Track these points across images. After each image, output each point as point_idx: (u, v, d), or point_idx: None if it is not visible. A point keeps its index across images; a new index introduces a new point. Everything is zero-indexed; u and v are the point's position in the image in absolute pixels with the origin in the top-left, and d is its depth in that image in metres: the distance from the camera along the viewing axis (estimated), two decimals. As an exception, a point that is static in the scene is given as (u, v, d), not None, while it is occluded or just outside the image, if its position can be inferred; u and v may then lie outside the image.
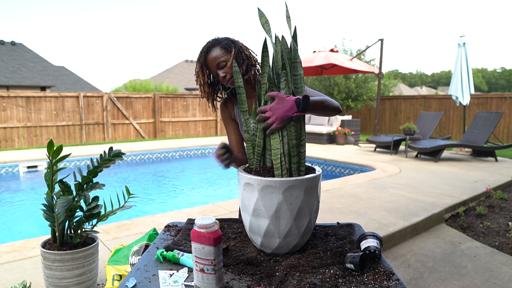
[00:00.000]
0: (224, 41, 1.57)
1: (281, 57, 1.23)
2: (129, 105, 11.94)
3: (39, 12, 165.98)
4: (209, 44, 1.57)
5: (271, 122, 1.20)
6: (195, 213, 3.77)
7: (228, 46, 1.55)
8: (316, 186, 1.22)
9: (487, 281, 2.68)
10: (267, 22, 1.28)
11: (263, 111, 1.22)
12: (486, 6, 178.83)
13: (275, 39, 1.24)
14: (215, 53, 1.55)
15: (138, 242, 2.26)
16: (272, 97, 1.22)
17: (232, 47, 1.55)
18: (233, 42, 1.57)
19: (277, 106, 1.20)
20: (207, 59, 1.57)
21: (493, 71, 77.19)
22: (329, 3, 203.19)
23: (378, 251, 1.14)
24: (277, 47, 1.24)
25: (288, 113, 1.20)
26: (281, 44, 1.23)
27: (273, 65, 1.25)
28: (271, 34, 1.26)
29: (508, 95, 10.79)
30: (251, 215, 1.21)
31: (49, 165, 2.04)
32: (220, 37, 1.60)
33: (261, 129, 1.25)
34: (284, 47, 1.23)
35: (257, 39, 1.48)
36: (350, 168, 7.16)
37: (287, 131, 1.23)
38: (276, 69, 1.25)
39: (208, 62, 1.57)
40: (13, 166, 7.28)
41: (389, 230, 3.33)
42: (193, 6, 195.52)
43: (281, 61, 1.23)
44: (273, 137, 1.22)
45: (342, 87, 13.36)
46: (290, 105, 1.20)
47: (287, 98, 1.21)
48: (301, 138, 1.26)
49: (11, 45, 22.79)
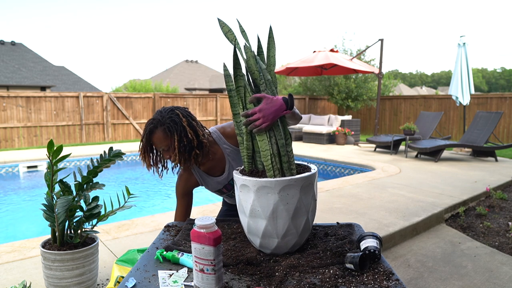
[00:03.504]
0: (167, 122, 1.52)
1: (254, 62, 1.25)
2: (129, 105, 11.94)
3: (39, 12, 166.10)
4: (152, 126, 1.54)
5: (261, 122, 1.20)
6: (195, 213, 3.77)
7: (170, 130, 1.52)
8: (312, 184, 1.22)
9: (487, 281, 2.68)
10: (230, 31, 1.30)
11: (252, 113, 1.21)
12: (486, 6, 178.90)
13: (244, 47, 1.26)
14: (157, 137, 1.53)
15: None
16: (258, 99, 1.23)
17: (173, 131, 1.52)
18: (176, 124, 1.53)
19: (266, 106, 1.21)
20: (151, 141, 1.56)
21: (493, 71, 77.18)
22: (329, 3, 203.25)
23: (378, 251, 1.14)
24: (247, 54, 1.26)
25: (278, 112, 1.22)
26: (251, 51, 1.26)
27: (247, 71, 1.28)
28: (237, 42, 1.27)
29: (508, 95, 10.79)
30: (248, 217, 1.21)
31: (49, 165, 2.04)
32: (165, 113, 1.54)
33: (248, 131, 1.26)
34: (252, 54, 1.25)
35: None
36: (350, 168, 7.16)
37: (274, 131, 1.24)
38: (251, 74, 1.27)
39: (153, 143, 1.56)
40: (13, 166, 7.28)
41: (389, 230, 3.33)
42: (193, 6, 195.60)
43: (254, 66, 1.25)
44: (261, 138, 1.22)
45: (342, 87, 13.36)
46: (279, 104, 1.22)
47: (274, 98, 1.23)
48: (286, 137, 1.27)
49: (11, 45, 22.79)
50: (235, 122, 1.32)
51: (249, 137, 1.27)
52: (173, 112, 1.55)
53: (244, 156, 1.29)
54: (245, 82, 1.25)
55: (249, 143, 1.27)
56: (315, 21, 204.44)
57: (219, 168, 1.72)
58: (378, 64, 10.02)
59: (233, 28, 1.31)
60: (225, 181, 1.74)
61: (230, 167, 1.71)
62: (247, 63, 1.26)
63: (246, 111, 1.23)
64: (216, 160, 1.69)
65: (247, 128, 1.25)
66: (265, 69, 1.27)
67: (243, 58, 1.27)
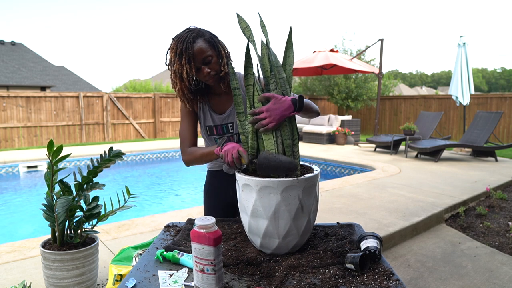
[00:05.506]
0: (207, 34, 1.47)
1: (268, 60, 1.24)
2: (129, 105, 11.94)
3: (39, 12, 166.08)
4: (194, 34, 1.43)
5: (267, 122, 1.19)
6: (195, 213, 3.77)
7: (213, 41, 1.46)
8: (314, 185, 1.22)
9: (487, 281, 2.68)
10: (247, 27, 1.27)
11: (259, 112, 1.21)
12: (486, 6, 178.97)
13: (261, 44, 1.24)
14: (201, 45, 1.43)
15: (144, 247, 2.26)
16: (267, 98, 1.22)
17: (216, 42, 1.48)
18: (215, 37, 1.49)
19: (274, 106, 1.20)
20: (191, 51, 1.41)
21: (493, 71, 77.17)
22: (329, 3, 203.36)
23: (378, 251, 1.14)
24: (263, 51, 1.24)
25: (285, 112, 1.21)
26: (266, 48, 1.23)
27: (259, 69, 1.26)
28: (253, 39, 1.26)
29: (508, 95, 10.79)
30: (250, 216, 1.21)
31: (49, 165, 2.04)
32: (199, 28, 1.48)
33: (254, 130, 1.25)
34: (267, 51, 1.24)
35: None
36: (350, 168, 7.16)
37: (281, 132, 1.23)
38: (263, 72, 1.26)
39: (193, 54, 1.42)
40: (13, 166, 7.28)
41: (389, 230, 3.33)
42: (193, 6, 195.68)
43: (268, 64, 1.24)
44: (267, 138, 1.22)
45: (342, 87, 13.36)
46: (287, 105, 1.21)
47: (283, 99, 1.22)
48: (294, 138, 1.26)
49: (11, 45, 22.79)
50: (239, 121, 1.32)
51: (254, 136, 1.27)
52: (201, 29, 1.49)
53: (249, 154, 1.29)
54: (255, 80, 1.24)
55: (253, 142, 1.27)
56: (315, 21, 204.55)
57: (224, 106, 1.64)
58: (378, 64, 10.02)
59: (235, 26, 1.30)
60: (221, 121, 1.64)
61: (233, 111, 1.63)
62: (261, 61, 1.24)
63: (253, 110, 1.22)
64: (226, 96, 1.63)
65: (253, 127, 1.24)
66: (281, 67, 1.25)
67: (257, 55, 1.25)
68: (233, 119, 1.64)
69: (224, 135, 1.65)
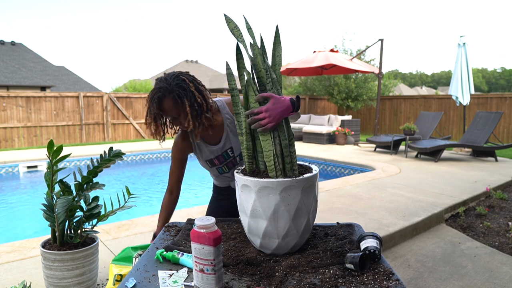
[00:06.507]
0: (175, 89, 1.50)
1: (261, 61, 1.23)
2: (129, 105, 11.94)
3: (39, 12, 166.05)
4: (160, 95, 1.50)
5: (266, 122, 1.18)
6: (195, 213, 3.77)
7: (180, 97, 1.50)
8: (313, 185, 1.22)
9: (487, 281, 2.68)
10: (236, 27, 1.27)
11: (258, 112, 1.20)
12: (486, 6, 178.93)
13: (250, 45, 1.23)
14: (167, 105, 1.51)
15: (145, 248, 2.26)
16: (265, 98, 1.21)
17: (183, 98, 1.50)
18: (184, 90, 1.50)
19: (273, 106, 1.19)
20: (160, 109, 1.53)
21: (493, 71, 77.18)
22: (329, 3, 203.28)
23: (378, 251, 1.14)
24: (255, 51, 1.23)
25: (284, 113, 1.21)
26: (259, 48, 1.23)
27: (252, 69, 1.25)
28: (243, 39, 1.25)
29: (508, 95, 10.79)
30: (249, 217, 1.21)
31: (49, 165, 2.04)
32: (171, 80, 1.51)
33: (248, 131, 1.25)
34: (260, 51, 1.23)
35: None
36: (350, 168, 7.16)
37: (278, 132, 1.23)
38: (256, 72, 1.24)
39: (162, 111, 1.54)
40: (13, 166, 7.28)
41: (389, 230, 3.33)
42: (193, 6, 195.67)
43: (261, 65, 1.23)
44: (264, 138, 1.21)
45: (342, 87, 13.36)
46: (286, 105, 1.21)
47: (282, 99, 1.21)
48: (290, 138, 1.26)
49: (11, 45, 22.79)
50: (237, 121, 1.31)
51: (249, 137, 1.25)
52: (178, 78, 1.52)
53: (245, 156, 1.28)
54: (250, 80, 1.23)
55: (249, 143, 1.26)
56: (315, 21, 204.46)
57: (216, 137, 1.71)
58: (378, 64, 10.02)
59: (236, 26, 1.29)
60: (219, 151, 1.72)
61: (227, 137, 1.70)
62: (253, 61, 1.23)
63: (252, 110, 1.21)
64: (215, 128, 1.69)
65: (250, 127, 1.23)
66: (271, 68, 1.25)
67: (248, 56, 1.24)
68: (230, 144, 1.72)
69: (226, 161, 1.75)
